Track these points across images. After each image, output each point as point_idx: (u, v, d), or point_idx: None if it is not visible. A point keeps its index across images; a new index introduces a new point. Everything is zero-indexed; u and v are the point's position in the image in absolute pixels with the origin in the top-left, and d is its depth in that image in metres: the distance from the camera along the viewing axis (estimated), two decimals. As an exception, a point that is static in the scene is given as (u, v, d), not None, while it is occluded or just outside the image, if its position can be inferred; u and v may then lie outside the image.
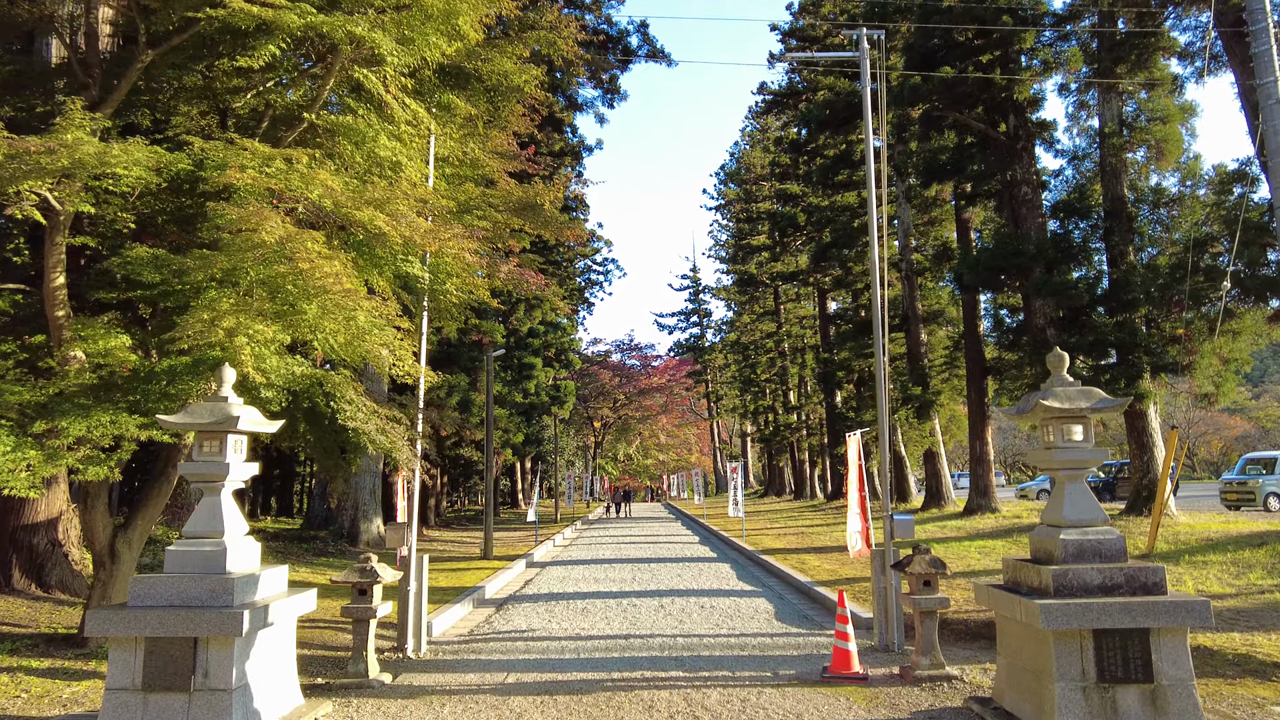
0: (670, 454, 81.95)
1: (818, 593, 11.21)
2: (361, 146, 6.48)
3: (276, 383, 6.35)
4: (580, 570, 15.30)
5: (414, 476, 8.00)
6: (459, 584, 12.81)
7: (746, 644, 8.27)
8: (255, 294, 5.51)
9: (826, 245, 29.02)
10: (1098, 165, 20.56)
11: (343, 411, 6.45)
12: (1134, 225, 18.53)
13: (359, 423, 6.45)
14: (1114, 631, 4.53)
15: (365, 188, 6.01)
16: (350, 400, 6.53)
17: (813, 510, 33.11)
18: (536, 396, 39.14)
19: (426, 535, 23.82)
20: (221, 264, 5.32)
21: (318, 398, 6.61)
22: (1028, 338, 19.70)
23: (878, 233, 8.77)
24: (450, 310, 8.07)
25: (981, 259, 18.99)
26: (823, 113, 27.15)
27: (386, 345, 6.31)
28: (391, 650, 7.97)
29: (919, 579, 6.30)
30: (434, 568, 15.30)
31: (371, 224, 5.95)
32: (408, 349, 6.57)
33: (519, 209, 8.05)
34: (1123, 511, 17.62)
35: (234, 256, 5.24)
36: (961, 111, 19.79)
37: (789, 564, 14.67)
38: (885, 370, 8.32)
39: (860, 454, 9.58)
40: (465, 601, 11.08)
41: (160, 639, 4.73)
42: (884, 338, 8.47)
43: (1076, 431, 5.15)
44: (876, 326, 8.49)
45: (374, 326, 6.10)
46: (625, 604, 10.89)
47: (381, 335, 6.17)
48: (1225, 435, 74.94)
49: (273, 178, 5.58)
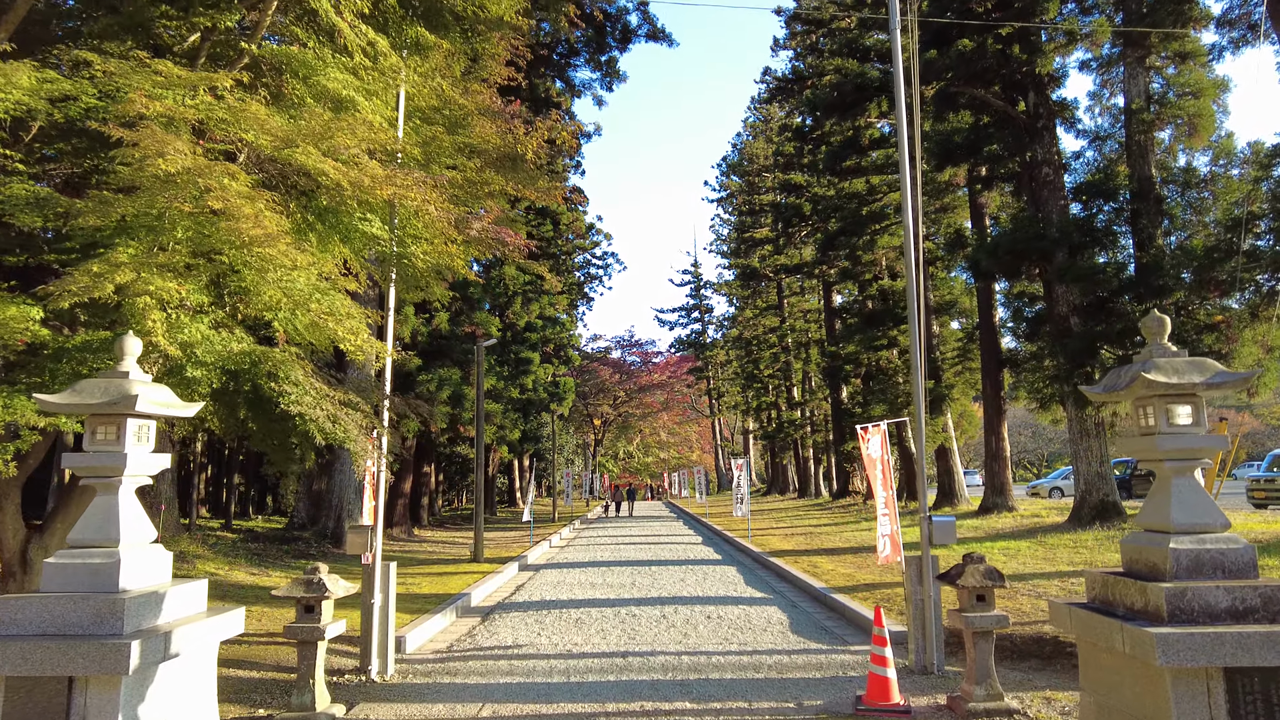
0: (671, 452, 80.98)
1: (835, 600, 10.19)
2: (309, 81, 5.46)
3: (206, 359, 5.32)
4: (576, 574, 14.28)
5: (380, 473, 6.98)
6: (443, 590, 11.79)
7: (761, 664, 7.24)
8: (173, 249, 4.50)
9: (834, 234, 27.97)
10: (1122, 146, 19.53)
11: (285, 395, 5.42)
12: (1163, 207, 17.49)
13: (304, 408, 5.42)
14: (1253, 670, 3.50)
15: (303, 119, 4.97)
16: (296, 382, 5.50)
17: (819, 509, 32.09)
18: (534, 392, 38.10)
19: (417, 535, 22.81)
20: (125, 208, 4.30)
21: (261, 379, 5.57)
22: (1049, 327, 18.65)
23: (911, 200, 7.75)
24: (420, 280, 7.03)
25: (1001, 243, 17.93)
26: (830, 95, 26.07)
27: (334, 315, 5.29)
28: (353, 672, 6.94)
29: (971, 593, 5.27)
30: (419, 571, 14.28)
31: (315, 169, 4.93)
32: (358, 318, 5.55)
33: (497, 162, 7.01)
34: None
35: (138, 200, 4.23)
36: (979, 88, 18.75)
37: (800, 567, 13.65)
38: (921, 354, 7.31)
39: (886, 449, 8.54)
40: (447, 611, 10.07)
41: (24, 679, 3.71)
42: (920, 313, 7.45)
43: (1183, 413, 4.13)
44: (912, 301, 7.47)
45: (316, 291, 5.10)
46: (624, 614, 9.87)
47: (325, 301, 5.17)
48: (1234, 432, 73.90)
49: (194, 108, 4.57)
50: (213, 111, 4.64)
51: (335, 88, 5.39)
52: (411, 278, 6.98)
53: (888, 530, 8.53)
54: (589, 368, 67.83)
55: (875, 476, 8.64)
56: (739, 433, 72.03)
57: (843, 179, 28.57)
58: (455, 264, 6.72)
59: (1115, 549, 13.40)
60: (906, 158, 8.39)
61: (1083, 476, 17.02)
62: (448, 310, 21.70)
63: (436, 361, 22.45)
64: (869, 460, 8.58)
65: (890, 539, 8.53)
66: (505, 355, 35.00)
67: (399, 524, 22.22)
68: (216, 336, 5.55)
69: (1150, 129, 16.82)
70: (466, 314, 22.19)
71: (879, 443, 8.52)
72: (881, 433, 8.56)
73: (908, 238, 7.66)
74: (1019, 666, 6.83)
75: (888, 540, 8.54)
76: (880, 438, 8.51)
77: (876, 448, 8.50)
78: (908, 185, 7.98)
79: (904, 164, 8.32)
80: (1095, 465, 16.91)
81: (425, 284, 7.04)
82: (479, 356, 15.78)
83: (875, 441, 8.51)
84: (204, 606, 4.61)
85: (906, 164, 8.28)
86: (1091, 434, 17.00)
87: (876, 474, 8.59)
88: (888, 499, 8.54)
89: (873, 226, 27.51)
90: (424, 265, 6.52)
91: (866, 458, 8.57)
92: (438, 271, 6.81)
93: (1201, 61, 17.08)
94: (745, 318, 53.94)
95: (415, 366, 20.95)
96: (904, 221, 7.47)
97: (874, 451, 8.53)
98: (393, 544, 19.97)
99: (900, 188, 7.66)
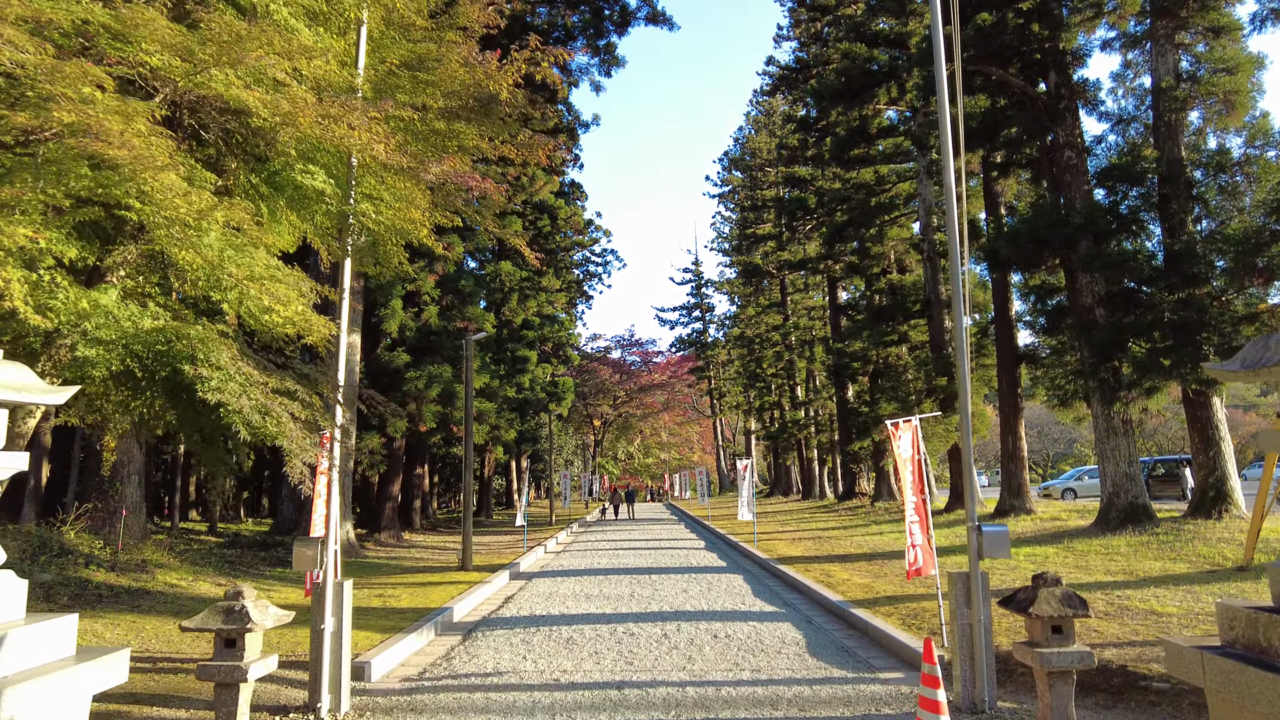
0: (672, 453, 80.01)
1: (855, 616, 9.16)
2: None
3: (105, 336, 4.32)
4: (570, 584, 13.26)
5: (333, 475, 5.98)
6: (423, 603, 10.77)
7: (779, 698, 6.22)
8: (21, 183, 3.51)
9: (841, 225, 26.93)
10: (1147, 129, 18.50)
11: (205, 382, 4.41)
12: (1194, 192, 16.48)
13: (226, 397, 4.41)
14: None
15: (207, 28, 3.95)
16: (218, 366, 4.49)
17: (825, 511, 31.05)
18: (531, 391, 37.09)
19: (407, 540, 21.80)
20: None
21: (182, 363, 4.56)
22: (1071, 319, 17.63)
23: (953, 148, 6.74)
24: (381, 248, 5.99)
25: (1021, 230, 16.89)
26: (837, 82, 25.06)
27: (256, 279, 4.30)
28: (300, 710, 5.92)
29: (1046, 624, 4.26)
30: (401, 581, 13.26)
31: (234, 99, 3.94)
32: (285, 281, 4.54)
33: (465, 105, 5.95)
34: (1185, 514, 15.58)
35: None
36: (998, 67, 17.72)
37: (812, 576, 12.62)
38: (965, 337, 6.28)
39: (919, 447, 7.53)
40: (426, 628, 9.05)
41: None
42: (964, 292, 6.42)
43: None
44: (956, 278, 6.46)
45: (230, 248, 4.11)
46: (620, 632, 8.84)
47: (243, 262, 4.18)
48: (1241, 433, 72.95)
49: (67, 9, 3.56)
50: (93, 14, 3.64)
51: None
52: (369, 248, 5.96)
53: (920, 540, 7.51)
54: (589, 367, 66.84)
55: (905, 478, 7.62)
56: (740, 433, 71.00)
57: (850, 169, 27.55)
58: (419, 231, 5.71)
59: (1150, 556, 12.38)
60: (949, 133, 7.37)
61: (1109, 477, 15.99)
62: (438, 304, 20.70)
63: (427, 358, 21.45)
64: (899, 460, 7.56)
65: (922, 550, 7.51)
66: (501, 353, 34.00)
67: (387, 528, 21.20)
68: (122, 310, 4.53)
69: (1183, 107, 15.80)
70: (458, 308, 21.18)
71: (910, 440, 7.50)
72: (913, 429, 7.54)
73: (950, 212, 6.66)
74: (1083, 703, 5.81)
75: (919, 551, 7.52)
76: (911, 435, 7.50)
77: (907, 446, 7.48)
78: (950, 156, 6.97)
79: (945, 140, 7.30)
80: (1123, 465, 15.87)
81: (385, 253, 6.01)
82: (468, 350, 14.77)
83: (906, 439, 7.49)
84: (71, 650, 3.58)
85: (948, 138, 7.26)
86: (1119, 432, 15.97)
87: (907, 475, 7.57)
88: (919, 504, 7.52)
89: (882, 218, 26.49)
90: (379, 227, 5.51)
91: (896, 457, 7.55)
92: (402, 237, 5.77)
93: (1235, 37, 16.06)
94: (747, 316, 52.91)
95: (404, 363, 19.95)
96: (945, 194, 6.47)
97: (904, 450, 7.51)
98: (379, 550, 18.96)
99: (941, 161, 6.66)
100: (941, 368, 23.18)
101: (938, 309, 24.07)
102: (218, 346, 4.65)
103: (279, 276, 4.57)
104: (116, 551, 12.21)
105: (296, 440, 4.67)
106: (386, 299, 18.94)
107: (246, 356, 4.95)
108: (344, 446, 17.95)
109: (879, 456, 31.07)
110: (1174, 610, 8.08)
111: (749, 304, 52.80)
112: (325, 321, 5.03)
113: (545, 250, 39.98)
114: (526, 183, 34.42)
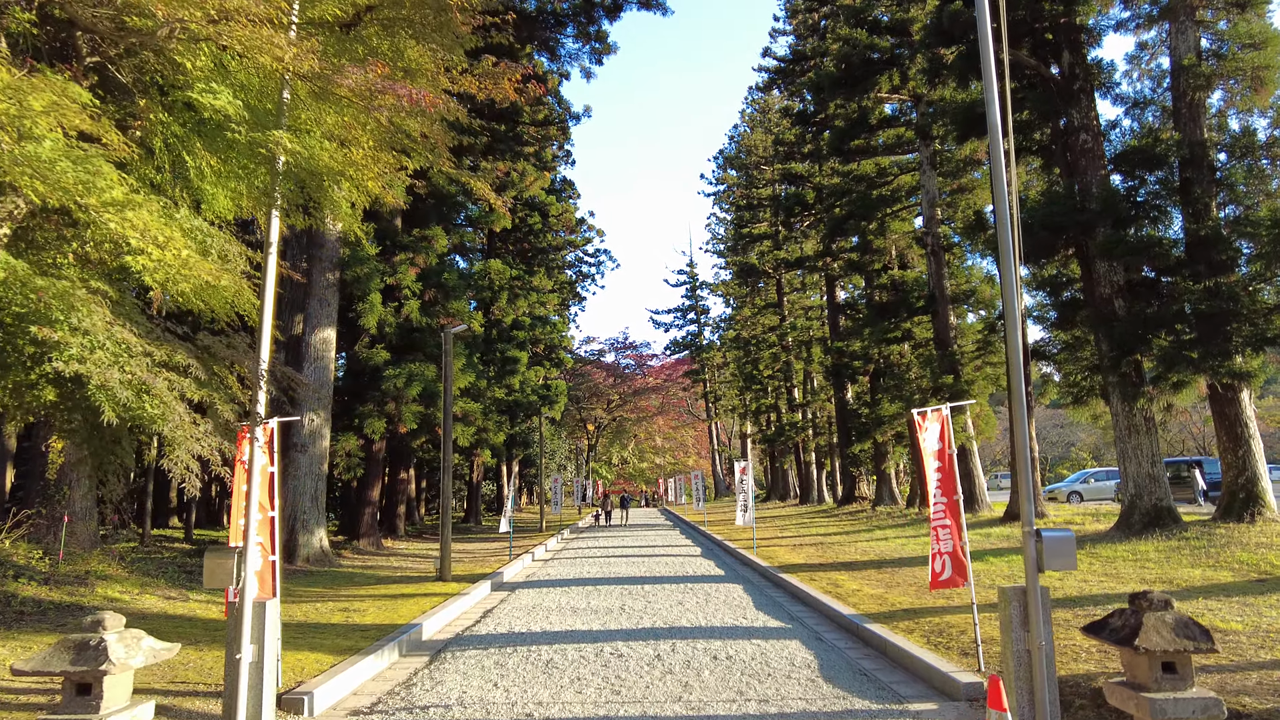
0: (667, 457, 79.02)
1: (871, 633, 8.14)
2: None
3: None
4: (556, 595, 12.22)
5: (254, 475, 4.95)
6: (390, 619, 9.72)
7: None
8: None
9: (842, 218, 25.99)
10: (1165, 112, 17.61)
11: (61, 349, 3.39)
12: (1217, 176, 15.58)
13: (90, 368, 3.40)
14: None
15: None
16: (84, 330, 3.47)
17: (824, 516, 30.05)
18: (522, 393, 36.03)
19: (388, 547, 20.71)
20: None
21: (30, 325, 3.53)
22: (1086, 312, 16.69)
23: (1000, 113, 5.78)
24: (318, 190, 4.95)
25: (1036, 217, 15.95)
26: (837, 70, 24.17)
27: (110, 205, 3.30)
28: (212, 759, 4.89)
29: (1156, 660, 3.26)
30: (371, 594, 12.20)
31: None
32: (146, 208, 3.53)
33: (409, 14, 4.85)
34: (1215, 517, 14.62)
35: None
36: (1010, 46, 16.80)
37: (818, 586, 11.61)
38: (1018, 305, 5.31)
39: (949, 440, 6.53)
40: (388, 648, 8.00)
41: None
42: (1015, 250, 5.46)
43: None
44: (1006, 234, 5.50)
45: (65, 158, 3.11)
46: (608, 653, 7.81)
47: (85, 177, 3.17)
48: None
49: None
50: None
51: None
52: (298, 194, 4.94)
53: (948, 546, 6.50)
54: (582, 370, 65.83)
55: (931, 476, 6.62)
56: (736, 437, 70.02)
57: (849, 161, 26.64)
58: (363, 177, 4.70)
59: (1185, 563, 11.40)
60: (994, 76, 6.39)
61: (1131, 479, 15.03)
62: (420, 299, 19.66)
63: (408, 356, 20.41)
64: (924, 454, 6.56)
65: (951, 557, 6.52)
66: (490, 353, 32.98)
67: (366, 535, 20.11)
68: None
69: (1208, 85, 14.90)
70: (442, 304, 20.15)
71: (938, 432, 6.50)
72: (942, 419, 6.54)
73: (995, 145, 5.71)
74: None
75: (948, 560, 6.52)
76: (940, 426, 6.50)
77: (934, 438, 6.48)
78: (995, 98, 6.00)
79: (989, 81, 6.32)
80: (1146, 466, 14.92)
81: (323, 201, 4.98)
82: (447, 344, 13.74)
83: (933, 431, 6.49)
84: None
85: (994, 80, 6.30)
86: (1141, 430, 15.01)
87: (933, 472, 6.57)
88: (949, 505, 6.51)
89: (884, 210, 25.56)
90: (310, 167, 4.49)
91: (922, 450, 6.55)
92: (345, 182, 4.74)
93: (1261, 11, 15.18)
94: (743, 317, 51.98)
95: (383, 360, 18.90)
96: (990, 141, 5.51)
97: (931, 443, 6.52)
98: (356, 558, 17.88)
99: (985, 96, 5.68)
100: (948, 365, 22.23)
101: (943, 304, 23.13)
102: (84, 305, 3.64)
103: (141, 204, 3.55)
104: (57, 562, 11.14)
105: (183, 427, 3.68)
106: (364, 292, 17.90)
107: (130, 322, 3.92)
108: (317, 448, 16.85)
109: (880, 459, 30.07)
110: (1238, 627, 7.09)
111: (745, 305, 51.87)
112: (236, 279, 4.02)
113: (536, 249, 39.00)
114: (516, 178, 33.45)
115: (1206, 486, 25.68)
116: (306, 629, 9.07)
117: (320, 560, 16.27)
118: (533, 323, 38.85)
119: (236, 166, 4.94)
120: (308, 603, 11.21)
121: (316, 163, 4.47)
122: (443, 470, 13.59)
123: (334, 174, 4.69)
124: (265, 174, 5.49)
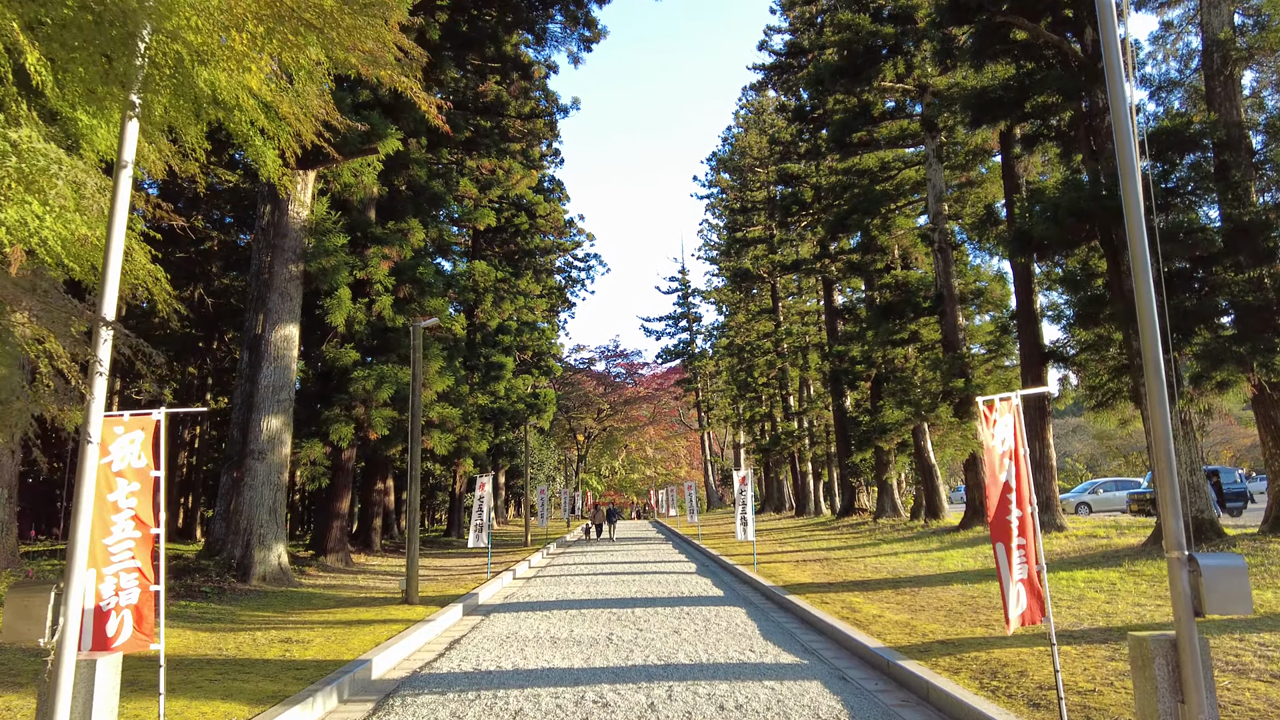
0: (658, 468, 77.50)
1: (908, 673, 6.73)
2: None
3: None
4: (535, 621, 10.75)
5: (83, 477, 3.53)
6: (335, 654, 8.23)
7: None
8: None
9: (844, 215, 24.72)
10: (1193, 93, 16.48)
11: None
12: (1254, 159, 14.41)
13: None
14: None
15: None
16: None
17: (824, 529, 28.63)
18: (507, 401, 34.56)
19: (357, 563, 19.16)
20: None
21: None
22: (1111, 309, 15.40)
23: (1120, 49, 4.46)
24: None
25: (1061, 204, 14.68)
26: (839, 59, 23.00)
27: None
28: None
29: None
30: (324, 619, 10.70)
31: None
32: None
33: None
34: (1262, 530, 13.33)
35: None
36: (1030, 19, 15.61)
37: (832, 611, 10.20)
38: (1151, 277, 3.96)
39: (1020, 437, 5.15)
40: (324, 694, 6.54)
41: None
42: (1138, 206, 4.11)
43: None
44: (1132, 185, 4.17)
45: None
46: (590, 702, 6.37)
47: None
48: (1236, 445, 71.39)
49: None
50: None
51: None
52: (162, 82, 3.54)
53: (1023, 574, 5.12)
54: (572, 379, 64.34)
55: (996, 481, 5.22)
56: (729, 447, 68.59)
57: (851, 155, 25.41)
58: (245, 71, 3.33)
59: (1252, 584, 10.06)
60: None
61: (1169, 488, 13.69)
62: (393, 295, 18.23)
63: (380, 356, 18.95)
64: (989, 454, 5.17)
65: (1027, 586, 5.13)
66: (474, 358, 31.54)
67: (334, 550, 18.57)
68: None
69: (1248, 58, 13.73)
70: (417, 301, 18.72)
71: (1010, 426, 5.12)
72: (1014, 410, 5.17)
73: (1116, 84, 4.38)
74: None
75: (1023, 589, 5.13)
76: (1013, 418, 5.13)
77: (1007, 433, 5.10)
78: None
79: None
80: (1185, 474, 13.61)
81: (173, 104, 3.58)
82: (415, 339, 12.32)
83: (1005, 424, 5.11)
84: None
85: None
86: (1178, 435, 13.70)
87: (1001, 477, 5.18)
88: (1023, 520, 5.13)
89: (888, 206, 24.32)
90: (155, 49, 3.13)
91: (987, 450, 5.16)
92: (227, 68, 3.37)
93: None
94: (737, 323, 50.69)
95: (352, 360, 17.43)
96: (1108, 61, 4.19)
97: (1000, 441, 5.13)
98: (321, 576, 16.35)
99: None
100: (957, 368, 20.93)
101: (951, 304, 21.86)
102: None
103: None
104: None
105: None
106: (332, 286, 16.45)
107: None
108: (276, 455, 15.31)
109: (881, 469, 28.71)
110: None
111: (739, 311, 50.57)
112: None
113: (523, 251, 37.63)
114: (502, 175, 32.11)
115: (1225, 497, 24.44)
116: (230, 667, 7.59)
117: (278, 579, 14.74)
118: (519, 328, 37.43)
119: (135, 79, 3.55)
120: (246, 631, 9.72)
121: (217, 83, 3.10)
122: (410, 480, 12.13)
123: (207, 55, 3.32)
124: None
